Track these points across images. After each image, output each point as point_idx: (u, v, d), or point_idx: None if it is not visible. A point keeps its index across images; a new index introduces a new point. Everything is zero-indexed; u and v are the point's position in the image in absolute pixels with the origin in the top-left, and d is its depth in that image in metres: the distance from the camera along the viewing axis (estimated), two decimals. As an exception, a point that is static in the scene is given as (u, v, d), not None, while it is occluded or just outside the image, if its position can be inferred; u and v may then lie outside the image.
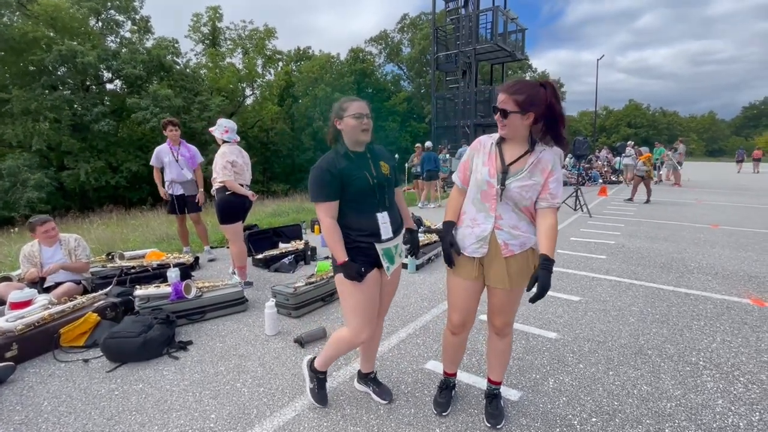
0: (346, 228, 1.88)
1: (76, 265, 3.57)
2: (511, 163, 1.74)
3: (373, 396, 2.23)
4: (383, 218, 1.90)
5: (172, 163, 4.95)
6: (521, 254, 1.81)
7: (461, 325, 1.97)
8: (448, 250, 1.88)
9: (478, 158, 1.83)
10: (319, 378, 2.17)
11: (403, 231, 2.08)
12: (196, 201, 5.11)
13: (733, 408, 2.12)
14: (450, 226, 1.93)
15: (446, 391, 2.18)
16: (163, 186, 5.09)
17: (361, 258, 1.88)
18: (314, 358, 2.21)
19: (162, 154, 4.97)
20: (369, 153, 1.96)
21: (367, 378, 2.28)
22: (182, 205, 5.07)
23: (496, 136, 1.82)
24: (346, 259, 1.83)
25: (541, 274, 1.63)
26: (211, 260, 5.15)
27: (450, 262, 1.89)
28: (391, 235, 1.92)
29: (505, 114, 1.67)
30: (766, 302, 3.54)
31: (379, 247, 1.89)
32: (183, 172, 4.96)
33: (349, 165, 1.86)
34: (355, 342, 1.98)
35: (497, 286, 1.83)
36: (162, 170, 5.07)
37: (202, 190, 5.15)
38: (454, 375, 2.21)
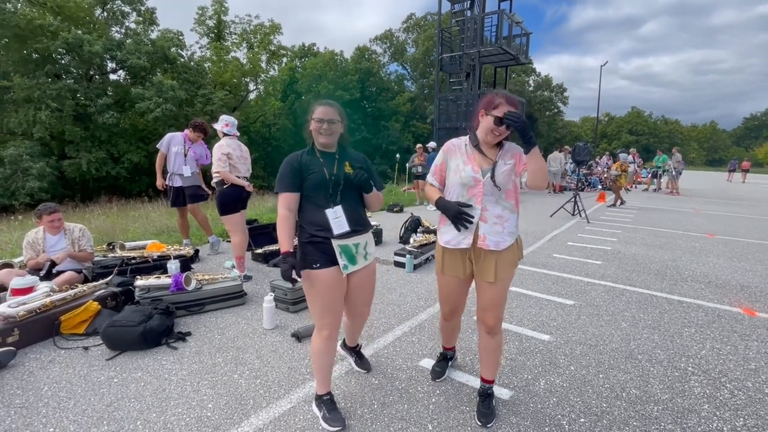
0: (305, 222, 1.99)
1: (80, 254, 3.62)
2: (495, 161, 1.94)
3: (353, 365, 2.46)
4: (334, 213, 1.94)
5: (179, 154, 4.98)
6: (509, 248, 1.95)
7: (452, 314, 2.22)
8: (458, 209, 1.91)
9: (456, 160, 1.99)
10: (324, 401, 2.06)
11: (369, 232, 2.10)
12: (200, 192, 5.14)
13: (718, 413, 2.18)
14: (444, 198, 2.01)
15: (443, 361, 2.46)
16: (163, 176, 5.10)
17: (318, 254, 1.93)
18: (316, 392, 2.14)
19: (174, 142, 4.98)
20: (338, 155, 2.03)
21: (352, 349, 2.50)
22: (181, 198, 5.11)
23: (465, 138, 2.04)
24: (289, 250, 1.88)
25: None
26: (217, 251, 5.17)
27: (465, 220, 1.90)
28: (346, 229, 1.94)
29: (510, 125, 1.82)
30: (757, 312, 3.60)
31: (335, 243, 1.93)
32: (184, 167, 4.98)
33: (311, 160, 1.98)
34: (319, 338, 2.00)
35: (484, 279, 1.96)
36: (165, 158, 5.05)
37: (205, 185, 5.19)
38: (453, 349, 2.49)
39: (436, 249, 2.14)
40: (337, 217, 1.94)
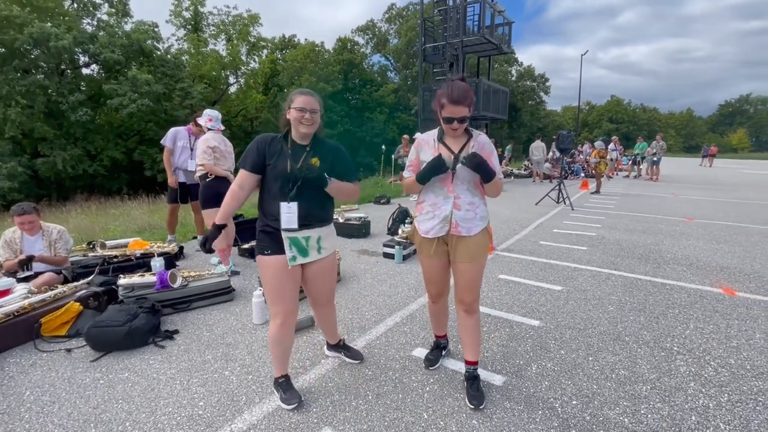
0: (261, 210, 2.02)
1: (53, 258, 3.47)
2: (459, 151, 2.03)
3: (345, 359, 2.46)
4: (288, 208, 1.93)
5: (185, 149, 4.92)
6: (481, 232, 2.08)
7: (438, 295, 2.30)
8: (432, 162, 1.97)
9: (426, 153, 2.07)
10: (279, 382, 2.14)
11: (327, 226, 2.08)
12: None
13: (704, 390, 2.24)
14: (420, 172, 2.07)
15: (437, 350, 2.51)
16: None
17: (268, 242, 1.98)
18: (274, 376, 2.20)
19: (179, 136, 4.91)
20: (309, 147, 2.01)
21: (337, 347, 2.49)
22: (184, 194, 5.05)
23: (433, 132, 2.13)
24: (221, 222, 1.97)
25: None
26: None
27: (440, 163, 1.95)
28: (294, 226, 1.94)
29: (463, 120, 1.96)
30: (736, 291, 3.71)
31: (284, 234, 1.96)
32: (190, 162, 4.93)
33: (277, 148, 1.96)
34: (273, 325, 2.03)
35: (460, 260, 2.08)
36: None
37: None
38: (444, 337, 2.54)
39: (414, 235, 2.24)
40: (289, 213, 1.94)
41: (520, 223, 6.83)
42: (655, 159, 14.82)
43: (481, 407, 2.06)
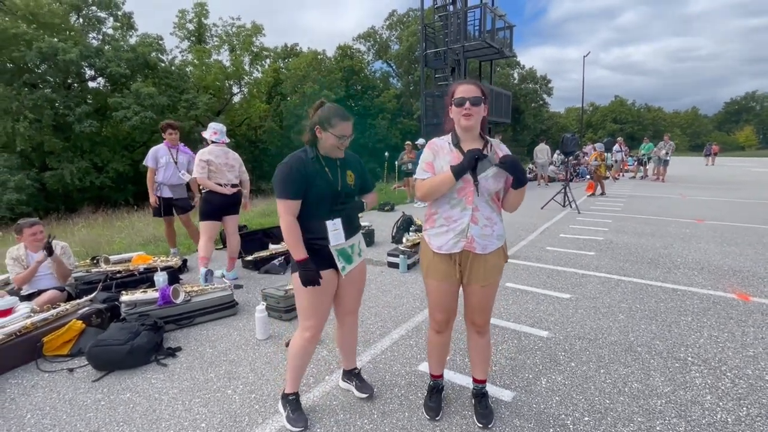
0: (302, 229, 1.94)
1: (60, 268, 3.47)
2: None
3: (355, 391, 2.27)
4: (334, 225, 1.94)
5: (169, 165, 4.93)
6: (495, 252, 1.89)
7: (445, 322, 2.02)
8: (470, 154, 1.72)
9: (442, 159, 1.87)
10: (289, 400, 2.09)
11: (361, 231, 2.19)
12: (189, 203, 5.12)
13: (721, 404, 2.16)
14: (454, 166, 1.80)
15: (436, 394, 2.17)
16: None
17: (316, 258, 1.92)
18: (284, 391, 2.14)
19: (159, 154, 4.93)
20: (338, 161, 1.99)
21: (351, 374, 2.32)
22: (168, 208, 5.05)
23: (447, 137, 1.93)
24: (306, 256, 1.87)
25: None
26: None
27: (478, 153, 1.71)
28: (342, 241, 1.97)
29: (477, 102, 1.78)
30: (751, 296, 3.62)
31: (332, 248, 1.95)
32: (181, 174, 4.95)
33: (316, 169, 1.91)
34: (301, 338, 2.01)
35: (474, 282, 1.90)
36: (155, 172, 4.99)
37: (198, 194, 5.10)
38: (441, 377, 2.21)
39: (422, 252, 2.01)
40: (335, 230, 1.94)
41: (525, 228, 6.75)
42: (666, 158, 14.52)
43: (490, 426, 1.99)
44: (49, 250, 3.35)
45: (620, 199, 10.29)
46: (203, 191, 4.12)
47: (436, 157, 1.89)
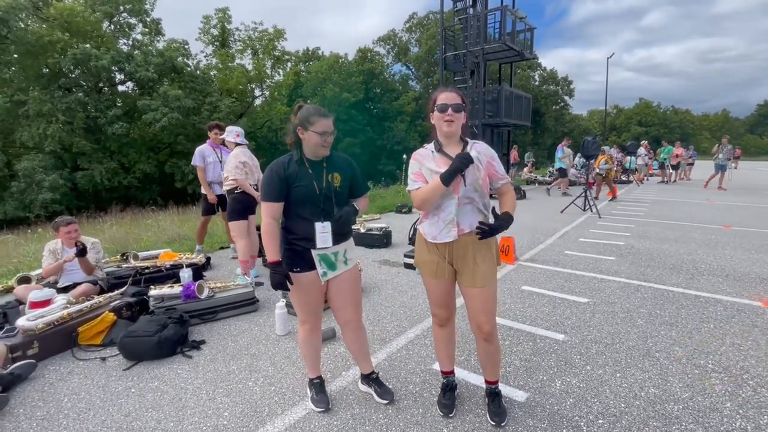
0: (287, 230, 2.02)
1: (86, 264, 3.65)
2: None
3: (375, 397, 2.26)
4: (323, 228, 1.97)
5: (216, 163, 5.15)
6: (482, 257, 1.93)
7: (445, 317, 2.12)
8: (459, 157, 1.82)
9: (429, 165, 1.95)
10: (314, 383, 2.26)
11: (350, 238, 2.16)
12: None
13: (741, 411, 2.13)
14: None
15: (450, 392, 2.21)
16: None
17: (298, 260, 1.99)
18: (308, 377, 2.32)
19: (206, 153, 5.15)
20: (325, 163, 2.03)
21: (369, 378, 2.31)
22: (221, 205, 5.23)
23: (429, 146, 2.01)
24: (278, 259, 1.94)
25: (500, 218, 1.86)
26: (234, 258, 5.26)
27: (466, 158, 1.80)
28: (329, 245, 2.00)
29: (458, 109, 1.87)
30: (778, 305, 3.51)
31: (314, 252, 1.99)
32: (222, 173, 5.11)
33: (298, 171, 1.96)
34: (302, 330, 2.15)
35: (470, 285, 1.94)
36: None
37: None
38: (452, 373, 2.26)
39: (417, 248, 2.09)
40: (324, 232, 1.98)
41: (544, 232, 6.69)
42: (723, 164, 12.85)
43: (503, 424, 2.02)
44: (81, 252, 3.52)
45: (644, 203, 10.05)
46: (236, 191, 4.18)
47: (422, 165, 1.97)
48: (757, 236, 6.21)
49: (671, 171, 15.95)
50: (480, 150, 1.97)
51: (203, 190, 5.17)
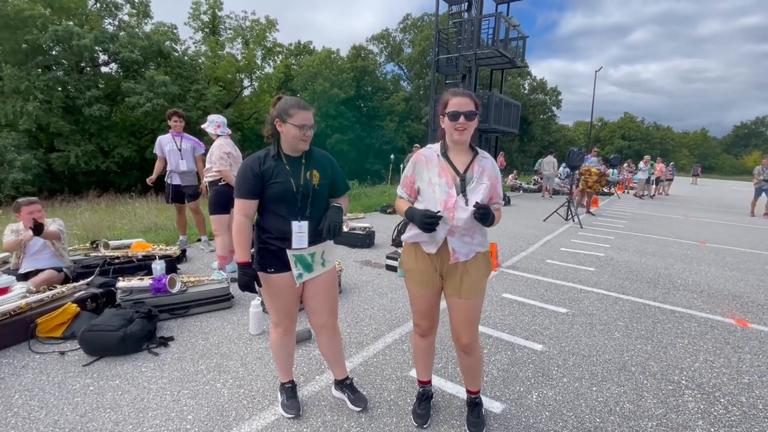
0: (261, 228, 1.92)
1: (48, 235, 3.39)
2: (465, 171, 1.82)
3: (348, 403, 2.18)
4: (299, 227, 1.86)
5: (173, 152, 4.99)
6: (474, 267, 1.85)
7: (428, 328, 2.02)
8: (423, 213, 1.72)
9: (429, 171, 1.82)
10: (285, 387, 2.16)
11: (329, 241, 2.01)
12: (198, 191, 5.13)
13: (712, 430, 2.13)
14: (412, 208, 1.83)
15: (425, 402, 2.15)
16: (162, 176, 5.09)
17: (272, 259, 1.90)
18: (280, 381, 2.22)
19: (164, 142, 5.02)
20: (304, 159, 1.92)
21: (342, 384, 2.23)
22: (178, 195, 5.09)
23: (436, 147, 1.89)
24: (247, 261, 1.85)
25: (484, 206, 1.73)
26: (212, 251, 5.11)
27: (431, 224, 1.71)
28: (305, 245, 1.89)
29: (470, 116, 1.76)
30: (749, 323, 3.58)
31: (290, 253, 1.89)
32: (180, 162, 4.98)
33: (274, 167, 1.85)
34: (275, 332, 2.05)
35: (455, 295, 1.86)
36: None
37: (205, 180, 5.11)
38: (429, 383, 2.19)
39: (404, 256, 1.97)
40: (300, 232, 1.87)
41: (526, 240, 6.72)
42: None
43: (478, 437, 1.98)
44: (38, 230, 3.25)
45: (623, 216, 10.24)
46: (220, 183, 4.03)
47: (422, 170, 1.85)
48: (730, 253, 6.37)
49: (654, 186, 16.33)
50: (486, 168, 1.83)
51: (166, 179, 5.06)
